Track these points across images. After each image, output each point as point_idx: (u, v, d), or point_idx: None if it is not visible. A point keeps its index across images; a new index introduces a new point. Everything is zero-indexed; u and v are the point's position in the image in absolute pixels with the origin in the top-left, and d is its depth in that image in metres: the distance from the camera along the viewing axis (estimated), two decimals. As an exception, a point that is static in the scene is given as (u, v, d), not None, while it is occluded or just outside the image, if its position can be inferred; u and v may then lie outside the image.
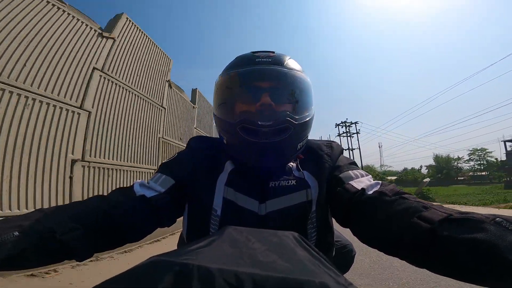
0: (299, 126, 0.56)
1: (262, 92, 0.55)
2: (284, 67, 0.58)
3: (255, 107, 0.55)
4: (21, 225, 0.39)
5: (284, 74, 0.57)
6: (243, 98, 0.58)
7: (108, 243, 0.49)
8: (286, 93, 0.57)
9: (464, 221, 0.35)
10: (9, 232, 0.37)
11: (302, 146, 0.60)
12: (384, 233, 0.44)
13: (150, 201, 0.53)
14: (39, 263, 0.40)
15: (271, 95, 0.55)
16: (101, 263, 2.86)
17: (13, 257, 0.36)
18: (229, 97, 0.60)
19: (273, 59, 0.58)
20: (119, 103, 4.07)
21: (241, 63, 0.60)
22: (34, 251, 0.38)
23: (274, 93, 0.56)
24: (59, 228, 0.41)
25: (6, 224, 0.39)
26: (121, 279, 0.19)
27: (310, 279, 0.19)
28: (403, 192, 0.49)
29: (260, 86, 0.56)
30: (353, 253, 0.95)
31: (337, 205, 0.56)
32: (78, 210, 0.47)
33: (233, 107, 0.58)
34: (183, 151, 0.67)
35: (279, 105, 0.56)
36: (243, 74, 0.58)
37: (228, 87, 0.60)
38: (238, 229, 0.29)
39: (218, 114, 0.60)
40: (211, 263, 0.19)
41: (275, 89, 0.56)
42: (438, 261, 0.36)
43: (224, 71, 0.62)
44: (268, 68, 0.57)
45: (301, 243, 0.27)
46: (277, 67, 0.57)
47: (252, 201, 0.56)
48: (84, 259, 0.45)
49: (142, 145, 4.57)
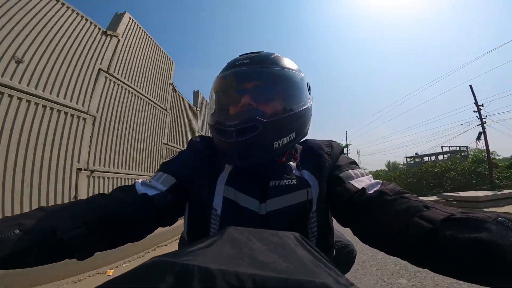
0: (271, 124, 0.55)
1: (242, 93, 0.57)
2: (261, 66, 0.58)
3: (235, 109, 0.57)
4: (22, 223, 0.39)
5: (259, 73, 0.58)
6: (222, 101, 0.62)
7: (109, 242, 0.49)
8: (262, 91, 0.58)
9: (466, 220, 0.35)
10: (9, 230, 0.37)
11: (284, 144, 0.57)
12: (385, 232, 0.44)
13: (152, 200, 0.53)
14: (40, 262, 0.39)
15: (250, 95, 0.57)
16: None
17: (13, 256, 0.35)
18: (214, 101, 0.64)
19: (251, 60, 0.59)
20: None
21: (225, 67, 0.63)
22: (35, 249, 0.38)
23: (252, 93, 0.57)
24: (60, 226, 0.41)
25: (7, 222, 0.39)
26: (123, 280, 0.19)
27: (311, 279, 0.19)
28: (404, 192, 0.48)
29: (238, 88, 0.59)
30: (354, 253, 0.95)
31: (337, 204, 0.56)
32: (80, 209, 0.47)
33: (214, 111, 0.63)
34: (184, 151, 0.68)
35: (258, 104, 0.57)
36: (222, 78, 0.61)
37: (213, 92, 0.64)
38: (239, 229, 0.29)
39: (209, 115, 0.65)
40: (212, 264, 0.19)
41: (253, 89, 0.58)
42: (440, 261, 0.36)
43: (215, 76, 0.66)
44: (245, 69, 0.58)
45: (302, 243, 0.27)
46: (253, 67, 0.58)
47: (252, 200, 0.56)
48: (84, 258, 0.45)
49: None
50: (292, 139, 0.59)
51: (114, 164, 3.65)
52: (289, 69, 0.61)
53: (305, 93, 0.62)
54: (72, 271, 2.33)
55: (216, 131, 0.58)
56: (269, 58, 0.60)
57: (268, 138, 0.55)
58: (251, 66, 0.58)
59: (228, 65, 0.62)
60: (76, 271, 2.37)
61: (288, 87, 0.59)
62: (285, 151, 0.60)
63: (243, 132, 0.54)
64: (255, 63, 0.59)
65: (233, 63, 0.61)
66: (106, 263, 2.67)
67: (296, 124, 0.59)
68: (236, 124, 0.54)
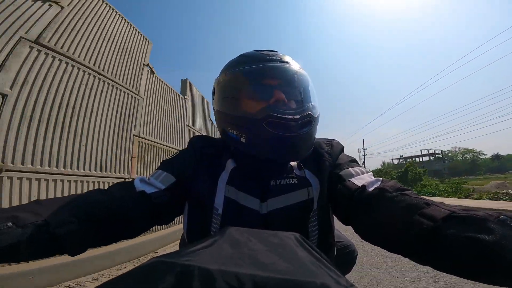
0: (317, 120, 0.58)
1: (275, 88, 0.57)
2: (292, 65, 0.60)
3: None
4: (15, 216, 0.38)
5: (295, 72, 0.59)
6: (260, 94, 0.57)
7: (103, 238, 0.49)
8: (298, 89, 0.59)
9: (468, 219, 0.35)
10: (2, 223, 0.36)
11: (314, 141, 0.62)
12: (386, 230, 0.44)
13: (150, 198, 0.53)
14: (31, 257, 0.39)
15: (284, 92, 0.57)
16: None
17: (5, 249, 0.35)
18: (245, 93, 0.59)
19: (281, 57, 0.61)
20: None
21: (250, 60, 0.60)
22: (26, 243, 0.37)
23: (287, 90, 0.57)
24: (53, 220, 0.40)
25: (1, 214, 0.38)
26: (123, 280, 0.19)
27: (311, 280, 0.19)
28: (404, 188, 0.48)
29: (273, 83, 0.58)
30: (355, 253, 0.95)
31: (338, 203, 0.56)
32: (76, 203, 0.46)
33: (250, 103, 0.57)
34: (185, 150, 0.67)
35: (291, 101, 0.57)
36: (258, 70, 0.58)
37: (242, 83, 0.59)
38: (239, 230, 0.29)
39: (229, 110, 0.59)
40: (212, 264, 0.19)
41: (287, 86, 0.58)
42: (441, 259, 0.36)
43: (233, 68, 0.61)
44: (280, 65, 0.59)
45: (302, 244, 0.27)
46: (286, 64, 0.59)
47: (253, 199, 0.56)
48: (75, 254, 0.44)
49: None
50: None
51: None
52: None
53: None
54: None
55: (270, 125, 0.52)
56: (291, 59, 0.62)
57: (315, 133, 0.59)
58: (285, 64, 0.59)
59: (254, 59, 0.60)
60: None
61: (312, 87, 0.62)
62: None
63: (303, 126, 0.54)
64: (285, 61, 0.60)
65: (262, 57, 0.59)
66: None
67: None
68: (298, 118, 0.53)
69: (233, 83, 0.60)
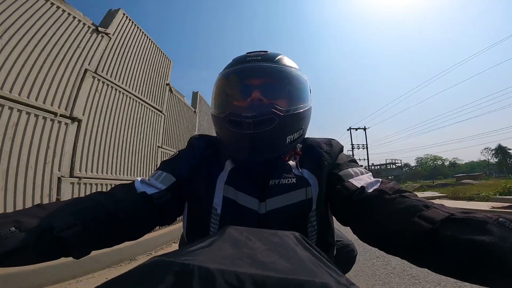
0: (287, 118, 0.56)
1: (253, 88, 0.58)
2: (272, 63, 0.60)
3: (246, 102, 0.58)
4: (18, 220, 0.38)
5: (272, 70, 0.59)
6: (234, 94, 0.61)
7: (106, 240, 0.49)
8: (275, 87, 0.59)
9: (467, 221, 0.35)
10: (5, 228, 0.36)
11: (293, 140, 0.59)
12: (384, 232, 0.44)
13: (151, 198, 0.53)
14: (36, 260, 0.39)
15: (261, 91, 0.57)
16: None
17: (8, 254, 0.35)
18: (222, 95, 0.63)
19: (262, 57, 0.61)
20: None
21: (234, 62, 0.63)
22: (30, 247, 0.37)
23: (264, 89, 0.58)
24: (57, 224, 0.40)
25: (3, 219, 0.38)
26: (123, 280, 0.19)
27: (311, 279, 0.19)
28: (403, 190, 0.48)
29: (250, 83, 0.59)
30: (355, 253, 0.95)
31: (337, 203, 0.56)
32: (78, 206, 0.46)
33: (224, 104, 0.62)
34: (184, 150, 0.67)
35: (270, 100, 0.57)
36: (234, 72, 0.61)
37: (221, 86, 0.63)
38: (239, 229, 0.29)
39: (213, 111, 0.64)
40: (212, 264, 0.19)
41: (265, 85, 0.58)
42: (440, 261, 0.35)
43: (220, 72, 0.65)
44: (256, 65, 0.59)
45: (302, 243, 0.27)
46: (265, 63, 0.59)
47: (252, 199, 0.56)
48: (80, 257, 0.44)
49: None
50: (299, 136, 0.61)
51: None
52: (297, 69, 0.63)
53: (309, 93, 0.64)
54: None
55: (228, 123, 0.55)
56: (279, 57, 0.62)
57: (282, 132, 0.56)
58: (264, 63, 0.59)
59: (237, 61, 0.63)
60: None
61: (298, 86, 0.61)
62: (290, 148, 0.61)
63: (261, 124, 0.53)
64: (267, 60, 0.60)
65: (243, 59, 0.62)
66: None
67: (303, 122, 0.61)
68: (254, 116, 0.53)
69: (216, 85, 0.64)
